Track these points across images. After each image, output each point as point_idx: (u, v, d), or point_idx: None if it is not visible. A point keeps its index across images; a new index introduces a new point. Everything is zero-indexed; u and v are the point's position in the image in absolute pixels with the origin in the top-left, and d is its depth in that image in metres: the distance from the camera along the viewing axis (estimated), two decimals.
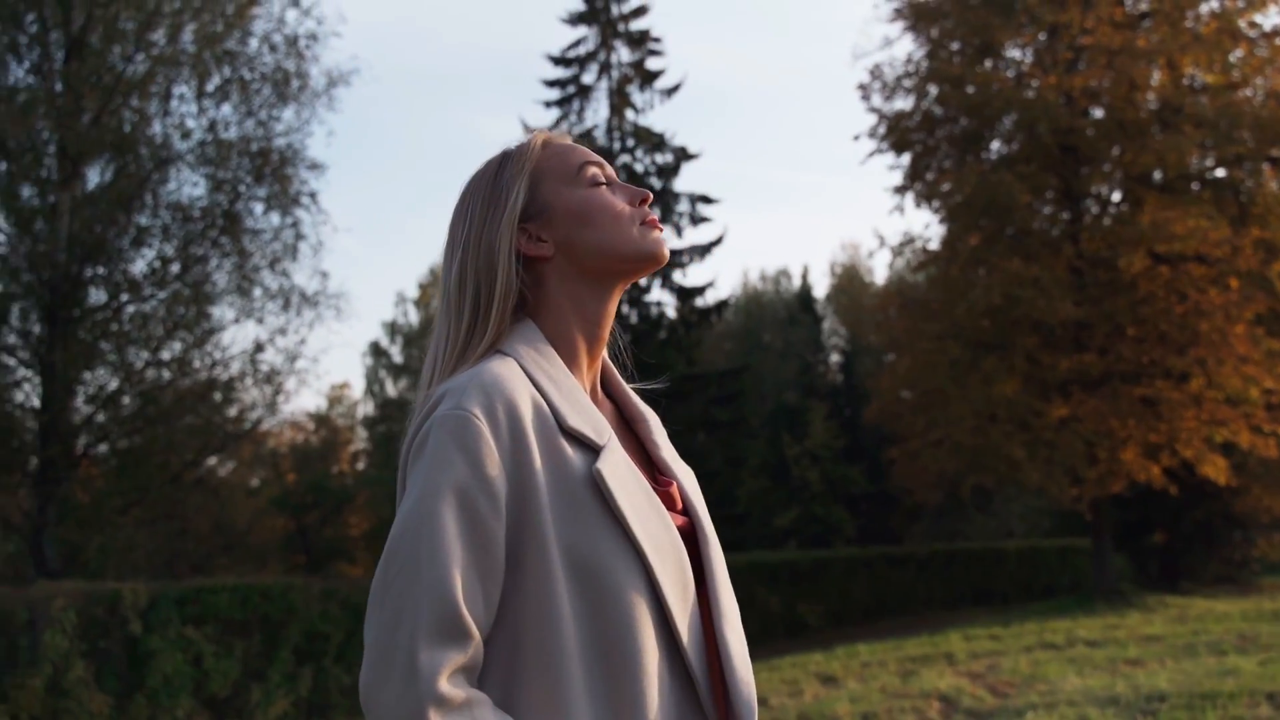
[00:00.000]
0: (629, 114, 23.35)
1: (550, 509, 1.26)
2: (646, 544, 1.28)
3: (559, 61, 23.57)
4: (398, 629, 1.17)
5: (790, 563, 19.18)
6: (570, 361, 1.43)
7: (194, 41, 15.71)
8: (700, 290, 23.11)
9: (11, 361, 15.38)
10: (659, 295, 23.25)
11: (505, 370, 1.31)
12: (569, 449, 1.30)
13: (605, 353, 1.53)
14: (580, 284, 1.44)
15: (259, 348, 16.60)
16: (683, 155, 23.05)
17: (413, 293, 34.43)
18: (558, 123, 23.34)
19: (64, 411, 14.93)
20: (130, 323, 15.82)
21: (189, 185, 16.19)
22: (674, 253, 22.90)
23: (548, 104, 23.55)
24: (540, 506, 1.25)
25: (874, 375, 24.26)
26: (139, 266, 15.94)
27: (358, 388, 41.97)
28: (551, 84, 23.58)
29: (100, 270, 15.48)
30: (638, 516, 1.29)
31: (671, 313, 23.10)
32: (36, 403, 15.20)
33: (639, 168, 23.14)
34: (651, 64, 23.46)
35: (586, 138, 23.00)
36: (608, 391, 1.55)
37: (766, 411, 29.53)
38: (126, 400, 16.14)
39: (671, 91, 23.41)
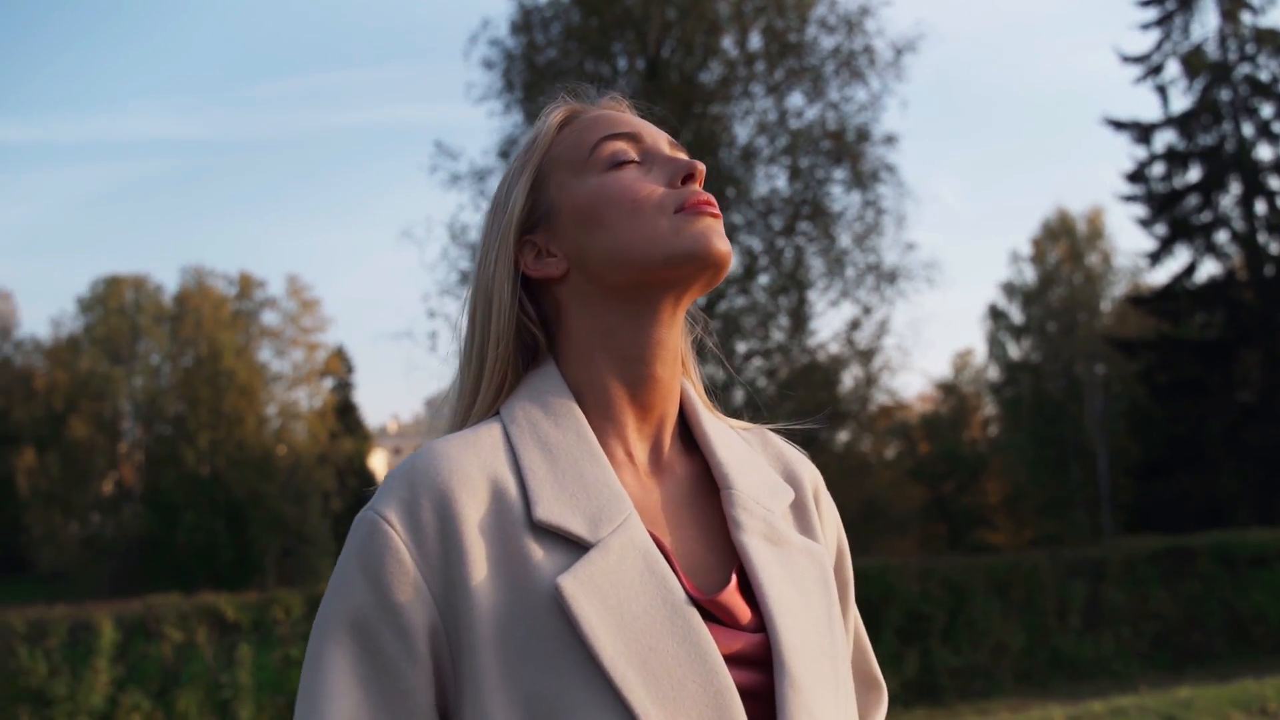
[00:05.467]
0: (1245, 17, 20.61)
1: (497, 642, 0.91)
2: (642, 691, 0.89)
3: None
4: None
5: None
6: (602, 415, 1.05)
7: (761, 41, 16.32)
8: None
9: None
10: None
11: (453, 449, 0.98)
12: (538, 552, 0.94)
13: (696, 392, 1.14)
14: (605, 307, 1.06)
15: (854, 325, 16.89)
16: None
17: (1025, 249, 33.09)
18: (1160, 44, 21.16)
19: None
20: (732, 317, 16.78)
21: (770, 179, 16.86)
22: None
23: (1144, 26, 21.47)
24: (480, 641, 0.91)
25: None
26: (732, 264, 16.85)
27: (980, 353, 41.20)
28: (1147, 3, 21.43)
29: None
30: (633, 647, 0.91)
31: None
32: None
33: (1263, 75, 20.34)
34: None
35: (1196, 53, 20.64)
36: (693, 447, 1.11)
37: None
38: (739, 394, 17.15)
39: None
